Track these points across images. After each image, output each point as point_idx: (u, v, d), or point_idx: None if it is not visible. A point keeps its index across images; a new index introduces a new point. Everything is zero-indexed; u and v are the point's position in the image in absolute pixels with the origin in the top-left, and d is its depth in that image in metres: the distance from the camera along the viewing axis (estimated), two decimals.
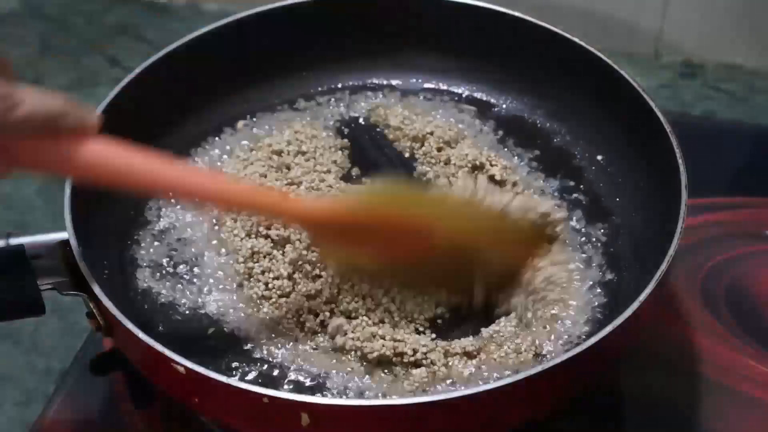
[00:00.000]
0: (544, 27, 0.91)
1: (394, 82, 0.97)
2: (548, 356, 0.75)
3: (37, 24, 1.30)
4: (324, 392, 0.74)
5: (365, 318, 0.77)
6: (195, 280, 0.81)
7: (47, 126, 0.63)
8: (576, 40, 0.90)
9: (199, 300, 0.80)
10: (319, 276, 0.79)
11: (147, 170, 0.69)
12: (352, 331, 0.76)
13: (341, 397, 0.73)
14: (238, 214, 0.82)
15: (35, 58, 1.26)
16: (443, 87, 0.97)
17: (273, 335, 0.77)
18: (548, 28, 0.91)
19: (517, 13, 0.92)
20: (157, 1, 1.31)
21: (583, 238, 0.83)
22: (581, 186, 0.88)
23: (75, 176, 0.74)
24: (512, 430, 0.74)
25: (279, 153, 0.89)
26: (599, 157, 0.89)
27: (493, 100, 0.95)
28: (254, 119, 0.94)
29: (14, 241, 0.79)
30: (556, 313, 0.77)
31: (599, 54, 0.88)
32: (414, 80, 0.97)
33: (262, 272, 0.80)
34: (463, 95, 0.96)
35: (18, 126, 0.62)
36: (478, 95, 0.96)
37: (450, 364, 0.75)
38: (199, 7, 1.30)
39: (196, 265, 0.82)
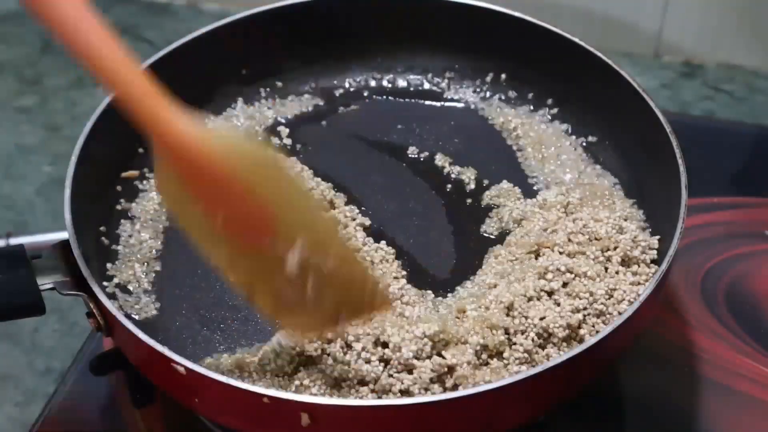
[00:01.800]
0: (544, 27, 0.91)
1: (390, 82, 0.97)
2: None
3: (37, 24, 1.30)
4: None
5: None
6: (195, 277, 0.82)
7: None
8: (576, 40, 0.90)
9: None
10: None
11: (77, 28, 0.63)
12: None
13: None
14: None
15: (35, 58, 1.26)
16: (441, 87, 0.97)
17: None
18: (548, 28, 0.91)
19: (517, 13, 0.92)
20: (157, 1, 1.31)
21: None
22: None
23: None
24: (512, 430, 0.74)
25: None
26: (598, 157, 0.89)
27: (491, 100, 0.95)
28: (256, 117, 0.94)
29: (14, 241, 0.79)
30: None
31: (599, 54, 0.88)
32: (412, 79, 0.97)
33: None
34: (461, 96, 0.96)
35: None
36: (477, 95, 0.96)
37: None
38: (199, 7, 1.30)
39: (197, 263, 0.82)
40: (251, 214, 0.65)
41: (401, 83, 0.97)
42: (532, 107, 0.94)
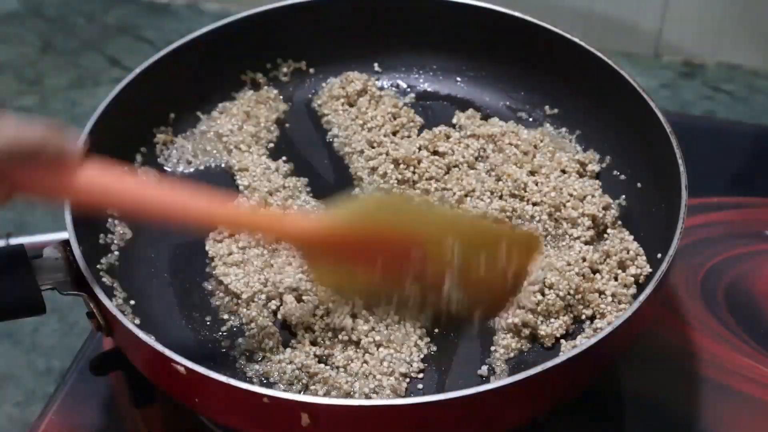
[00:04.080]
0: (544, 27, 0.91)
1: (390, 82, 0.97)
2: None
3: (37, 24, 1.30)
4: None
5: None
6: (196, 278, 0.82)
7: (29, 155, 0.64)
8: (576, 40, 0.90)
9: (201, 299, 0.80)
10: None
11: (142, 194, 0.70)
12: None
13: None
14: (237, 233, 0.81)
15: (35, 58, 1.26)
16: (441, 87, 0.97)
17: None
18: (548, 28, 0.91)
19: (517, 13, 0.92)
20: (157, 1, 1.31)
21: None
22: None
23: (72, 201, 0.74)
24: (512, 430, 0.74)
25: None
26: (598, 157, 0.89)
27: (492, 101, 0.95)
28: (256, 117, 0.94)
29: (14, 241, 0.80)
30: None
31: (599, 54, 0.88)
32: (412, 80, 0.97)
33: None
34: (461, 96, 0.96)
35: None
36: (477, 95, 0.96)
37: None
38: (199, 7, 1.30)
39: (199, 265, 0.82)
40: (401, 252, 0.73)
41: (401, 84, 0.97)
42: (531, 107, 0.94)
